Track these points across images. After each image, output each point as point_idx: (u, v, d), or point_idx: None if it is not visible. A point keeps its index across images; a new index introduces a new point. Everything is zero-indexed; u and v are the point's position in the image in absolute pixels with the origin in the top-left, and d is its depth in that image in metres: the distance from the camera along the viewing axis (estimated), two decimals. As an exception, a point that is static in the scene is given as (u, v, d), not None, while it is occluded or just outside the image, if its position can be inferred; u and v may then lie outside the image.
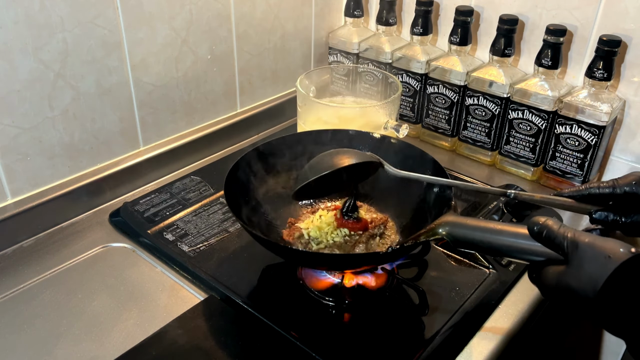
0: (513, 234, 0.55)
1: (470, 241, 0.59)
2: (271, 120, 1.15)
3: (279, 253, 0.70)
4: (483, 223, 0.59)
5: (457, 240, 0.60)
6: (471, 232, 0.59)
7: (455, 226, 0.60)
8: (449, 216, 0.62)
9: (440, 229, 0.60)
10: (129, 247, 0.81)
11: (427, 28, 1.05)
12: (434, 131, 1.09)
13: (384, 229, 0.77)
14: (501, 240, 0.56)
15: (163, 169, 0.97)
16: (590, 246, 0.47)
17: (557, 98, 0.91)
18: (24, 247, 0.80)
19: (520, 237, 0.54)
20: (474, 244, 0.59)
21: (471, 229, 0.59)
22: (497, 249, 0.57)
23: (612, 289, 0.44)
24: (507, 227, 0.57)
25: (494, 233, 0.57)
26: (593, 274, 0.45)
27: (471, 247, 0.60)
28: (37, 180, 0.82)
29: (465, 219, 0.60)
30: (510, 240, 0.55)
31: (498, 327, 0.69)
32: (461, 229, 0.59)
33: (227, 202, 0.70)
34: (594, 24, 0.91)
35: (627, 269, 0.44)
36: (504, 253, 0.57)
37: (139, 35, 0.86)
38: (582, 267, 0.46)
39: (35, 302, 0.71)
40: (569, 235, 0.48)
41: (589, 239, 0.47)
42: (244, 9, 1.00)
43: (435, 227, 0.61)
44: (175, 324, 0.67)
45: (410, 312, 0.71)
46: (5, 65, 0.73)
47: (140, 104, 0.90)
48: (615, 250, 0.45)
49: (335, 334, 0.67)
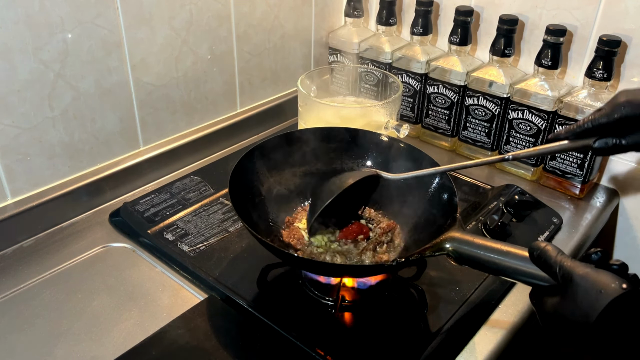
0: (519, 257, 0.55)
1: (475, 260, 0.59)
2: (271, 120, 1.15)
3: (283, 258, 0.70)
4: (490, 243, 0.59)
5: (462, 258, 0.60)
6: (477, 251, 0.59)
7: (461, 243, 0.60)
8: (456, 232, 0.62)
9: (447, 244, 0.61)
10: (129, 247, 0.81)
11: (427, 28, 1.05)
12: (434, 131, 1.09)
13: (392, 236, 0.76)
14: (507, 262, 0.56)
15: (163, 169, 0.97)
16: (584, 279, 0.47)
17: (557, 98, 0.91)
18: (24, 247, 0.80)
19: (527, 261, 0.54)
20: (479, 263, 0.59)
21: (477, 247, 0.59)
22: (502, 270, 0.57)
23: (605, 322, 0.45)
24: (513, 249, 0.57)
25: (500, 254, 0.57)
26: (585, 308, 0.46)
27: (475, 266, 0.60)
28: (37, 180, 0.82)
29: (472, 237, 0.60)
30: (516, 263, 0.56)
31: (498, 327, 0.69)
32: (467, 246, 0.59)
33: (232, 202, 0.69)
34: (594, 24, 0.91)
35: (619, 304, 0.44)
36: (509, 275, 0.57)
37: (139, 35, 0.86)
38: (576, 299, 0.47)
39: (35, 302, 0.71)
40: (565, 264, 0.49)
41: (582, 271, 0.48)
42: (244, 9, 1.00)
43: (441, 242, 0.61)
44: (175, 324, 0.67)
45: (410, 312, 0.71)
46: (5, 65, 0.73)
47: (140, 104, 0.90)
48: (607, 285, 0.45)
49: (335, 334, 0.67)
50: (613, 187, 0.99)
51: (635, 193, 0.97)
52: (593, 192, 0.98)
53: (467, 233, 0.61)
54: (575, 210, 0.93)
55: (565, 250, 0.84)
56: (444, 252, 0.61)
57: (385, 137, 0.82)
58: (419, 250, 0.63)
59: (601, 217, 0.94)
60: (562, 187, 0.96)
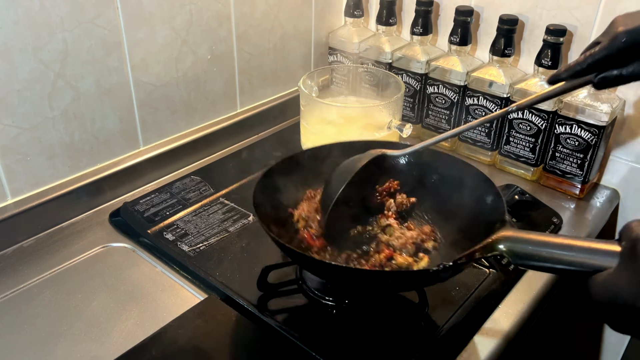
0: (587, 249, 0.49)
1: (535, 258, 0.53)
2: (271, 120, 1.15)
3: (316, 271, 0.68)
4: (549, 238, 0.53)
5: (519, 257, 0.54)
6: (537, 248, 0.52)
7: (517, 242, 0.54)
8: (508, 231, 0.56)
9: (501, 245, 0.55)
10: (129, 247, 0.81)
11: (427, 28, 1.05)
12: (434, 131, 1.09)
13: (434, 242, 0.72)
14: (572, 257, 0.50)
15: (163, 169, 0.97)
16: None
17: (557, 98, 0.91)
18: (24, 247, 0.80)
19: (593, 252, 0.48)
20: (539, 260, 0.53)
21: (537, 244, 0.53)
22: (566, 266, 0.51)
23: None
24: (578, 242, 0.50)
25: (563, 249, 0.51)
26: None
27: (534, 265, 0.54)
28: (37, 180, 0.82)
29: (529, 234, 0.54)
30: (583, 256, 0.49)
31: (498, 327, 0.69)
32: (525, 244, 0.53)
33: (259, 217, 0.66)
34: (594, 24, 0.91)
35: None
36: (574, 272, 0.50)
37: (139, 35, 0.86)
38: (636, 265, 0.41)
39: (35, 302, 0.71)
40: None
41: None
42: (244, 9, 1.00)
43: (493, 243, 0.55)
44: (175, 324, 0.67)
45: (410, 311, 0.70)
46: (5, 65, 0.73)
47: (140, 104, 0.90)
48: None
49: (335, 334, 0.67)
50: (613, 187, 0.99)
51: (635, 193, 0.97)
52: (593, 192, 0.98)
53: (521, 231, 0.56)
54: (575, 210, 0.93)
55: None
56: (496, 252, 0.55)
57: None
58: (467, 252, 0.57)
59: (601, 217, 0.94)
60: (562, 187, 0.96)
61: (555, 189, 0.97)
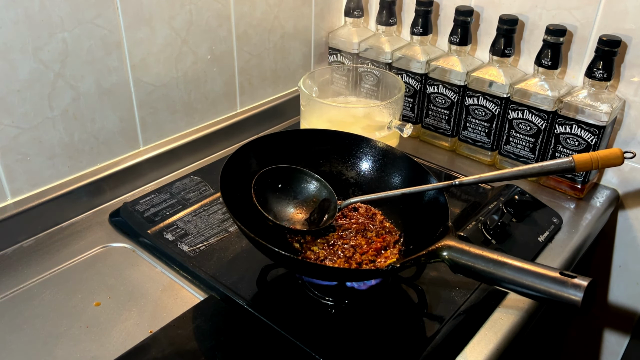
0: (517, 268, 0.54)
1: (471, 269, 0.58)
2: (271, 120, 1.15)
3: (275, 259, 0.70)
4: (487, 253, 0.58)
5: (458, 267, 0.59)
6: (473, 260, 0.58)
7: (457, 252, 0.60)
8: (451, 240, 0.61)
9: (444, 252, 0.60)
10: (129, 247, 0.81)
11: (427, 28, 1.05)
12: (433, 131, 1.09)
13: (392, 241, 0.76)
14: (504, 273, 0.55)
15: (163, 169, 0.97)
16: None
17: (557, 98, 0.91)
18: (24, 247, 0.80)
19: (524, 273, 0.53)
20: (475, 272, 0.58)
21: (474, 257, 0.58)
22: (498, 281, 0.56)
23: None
24: (511, 260, 0.55)
25: (497, 265, 0.56)
26: None
27: (471, 275, 0.59)
28: (37, 180, 0.82)
29: (469, 247, 0.59)
30: (512, 274, 0.54)
31: (498, 327, 0.69)
32: (463, 255, 0.59)
33: (224, 200, 0.69)
34: (593, 24, 0.91)
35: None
36: (505, 287, 0.56)
37: (139, 35, 0.86)
38: None
39: (35, 302, 0.71)
40: None
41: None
42: (244, 9, 1.00)
43: (437, 250, 0.61)
44: (175, 324, 0.67)
45: (409, 311, 0.71)
46: (5, 65, 0.73)
47: (140, 104, 0.91)
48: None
49: (335, 334, 0.67)
50: (613, 187, 0.99)
51: (635, 193, 0.97)
52: (593, 192, 0.98)
53: (462, 242, 0.61)
54: (575, 210, 0.93)
55: (565, 250, 0.84)
56: (439, 259, 0.61)
57: (382, 144, 0.82)
58: (413, 257, 0.63)
59: (601, 217, 0.94)
60: (562, 187, 0.96)
61: (555, 189, 0.97)
